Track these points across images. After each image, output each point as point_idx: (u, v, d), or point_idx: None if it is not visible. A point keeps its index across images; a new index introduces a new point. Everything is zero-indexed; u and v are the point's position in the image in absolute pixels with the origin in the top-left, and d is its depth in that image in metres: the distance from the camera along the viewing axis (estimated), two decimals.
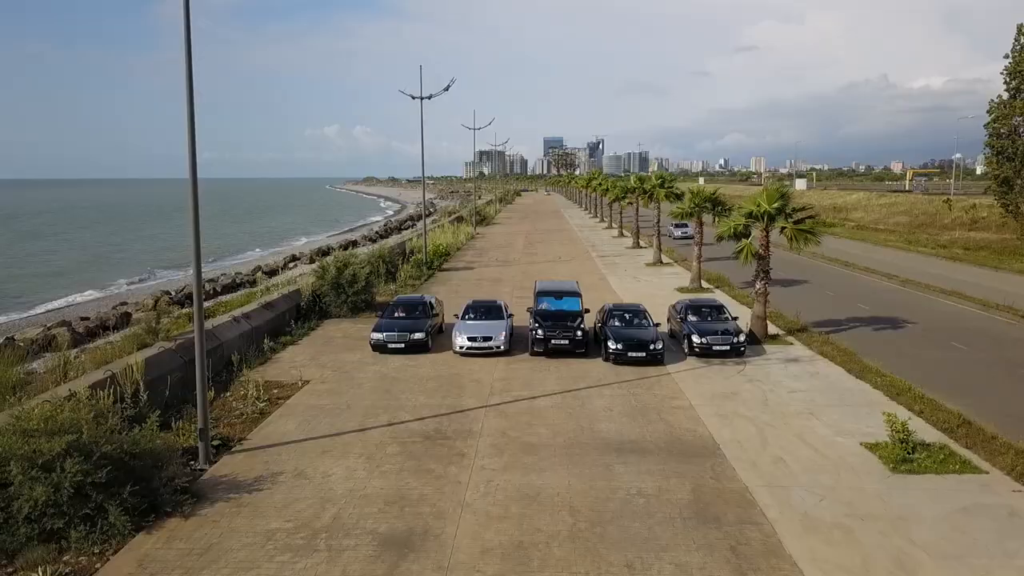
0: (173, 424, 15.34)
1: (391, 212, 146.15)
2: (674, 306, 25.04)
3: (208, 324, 22.10)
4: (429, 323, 23.53)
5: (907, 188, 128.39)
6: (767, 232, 24.04)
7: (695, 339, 21.80)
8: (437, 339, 23.94)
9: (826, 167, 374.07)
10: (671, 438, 15.36)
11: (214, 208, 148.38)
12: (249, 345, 22.42)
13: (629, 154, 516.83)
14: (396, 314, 24.12)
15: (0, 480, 10.94)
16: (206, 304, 27.68)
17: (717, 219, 32.26)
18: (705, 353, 21.68)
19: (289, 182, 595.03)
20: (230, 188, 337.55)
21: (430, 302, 25.35)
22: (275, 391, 18.58)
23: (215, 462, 14.05)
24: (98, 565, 10.44)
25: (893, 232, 70.03)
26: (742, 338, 21.97)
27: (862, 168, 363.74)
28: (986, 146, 50.34)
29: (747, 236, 24.37)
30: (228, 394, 18.39)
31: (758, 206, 23.77)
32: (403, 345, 22.51)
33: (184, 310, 29.70)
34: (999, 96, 49.04)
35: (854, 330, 26.13)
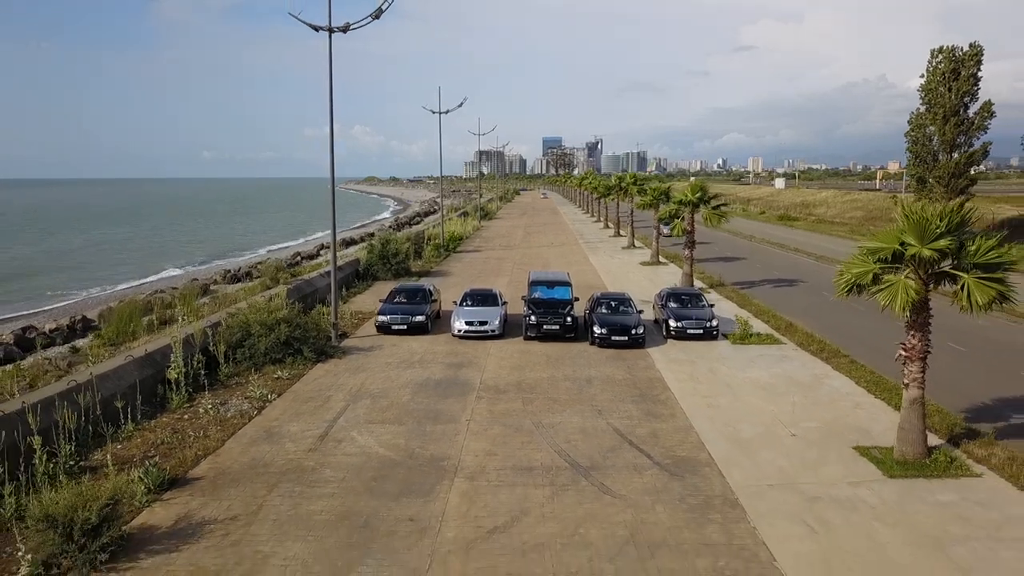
0: None
1: (399, 208, 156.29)
2: (659, 294, 27.18)
3: (304, 277, 32.44)
4: (428, 308, 25.97)
5: (877, 187, 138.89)
6: (692, 214, 34.13)
7: (672, 323, 24.09)
8: (436, 324, 26.50)
9: (823, 167, 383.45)
10: None
11: (232, 206, 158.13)
12: None
13: (627, 154, 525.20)
14: (398, 299, 26.61)
15: (247, 334, 21.05)
16: (294, 268, 37.86)
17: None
18: (680, 336, 23.99)
19: (290, 181, 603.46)
20: (232, 188, 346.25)
21: (429, 289, 27.81)
22: (360, 315, 28.65)
23: (341, 342, 24.14)
24: (304, 373, 20.52)
25: (845, 225, 79.93)
26: (715, 323, 24.13)
27: (859, 168, 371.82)
28: (907, 150, 60.36)
29: (679, 217, 34.47)
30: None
31: (686, 196, 33.89)
32: (405, 327, 24.91)
33: (292, 268, 40.04)
34: (917, 108, 59.10)
35: (760, 286, 36.31)
